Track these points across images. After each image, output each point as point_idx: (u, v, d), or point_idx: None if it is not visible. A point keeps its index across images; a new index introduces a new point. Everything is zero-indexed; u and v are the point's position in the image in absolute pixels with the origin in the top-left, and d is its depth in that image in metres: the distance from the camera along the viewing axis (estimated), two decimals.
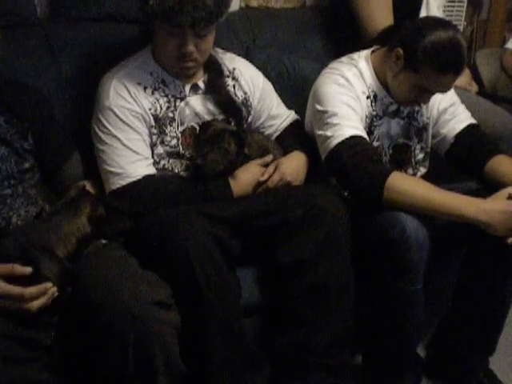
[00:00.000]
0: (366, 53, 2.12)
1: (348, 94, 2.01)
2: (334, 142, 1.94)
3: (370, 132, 2.07)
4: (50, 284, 1.54)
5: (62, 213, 1.67)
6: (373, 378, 2.13)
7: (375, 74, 2.07)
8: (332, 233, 1.85)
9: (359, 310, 1.96)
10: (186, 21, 1.84)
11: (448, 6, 3.43)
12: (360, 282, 1.94)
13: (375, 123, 2.08)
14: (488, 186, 2.04)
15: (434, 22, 1.94)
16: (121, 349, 1.50)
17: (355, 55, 2.13)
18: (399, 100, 2.07)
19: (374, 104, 2.07)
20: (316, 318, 1.87)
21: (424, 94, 1.99)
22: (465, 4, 3.52)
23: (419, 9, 2.60)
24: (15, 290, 1.51)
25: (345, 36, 2.56)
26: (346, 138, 1.93)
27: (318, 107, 2.02)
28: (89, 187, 1.90)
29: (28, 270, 1.53)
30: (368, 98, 2.06)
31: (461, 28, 3.54)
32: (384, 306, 1.97)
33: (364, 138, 1.96)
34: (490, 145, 2.12)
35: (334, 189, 2.03)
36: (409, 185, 1.88)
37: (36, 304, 1.52)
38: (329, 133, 1.96)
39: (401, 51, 1.93)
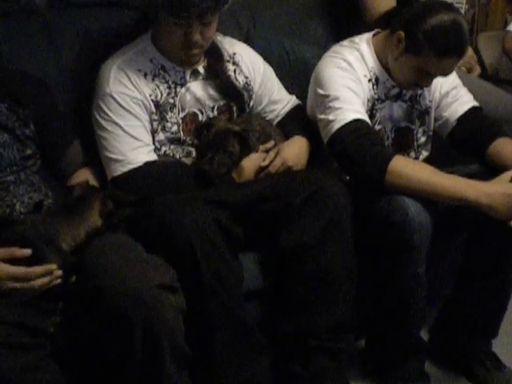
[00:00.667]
0: (367, 36, 2.12)
1: (350, 77, 2.00)
2: (336, 126, 1.93)
3: (371, 115, 2.07)
4: (54, 265, 1.55)
5: (72, 209, 1.67)
6: (376, 361, 2.14)
7: (377, 57, 2.06)
8: (334, 217, 1.85)
9: (362, 294, 1.96)
10: (193, 12, 1.84)
11: None
12: (363, 267, 1.94)
13: (377, 106, 2.08)
14: (490, 169, 2.03)
15: (436, 5, 1.93)
16: (127, 333, 1.51)
17: (356, 38, 2.12)
18: (400, 83, 2.06)
19: (375, 87, 2.07)
20: (319, 302, 1.88)
21: (425, 77, 1.99)
22: None
23: None
24: (20, 269, 1.52)
25: (346, 20, 2.55)
26: (348, 122, 1.92)
27: (320, 91, 2.02)
28: (88, 175, 1.90)
29: (27, 251, 1.54)
30: (370, 81, 2.06)
31: (462, 11, 3.52)
32: (387, 289, 1.97)
33: (366, 122, 1.95)
34: (492, 127, 2.11)
35: (335, 173, 2.02)
36: (411, 168, 1.87)
37: (40, 282, 1.53)
38: (331, 117, 1.95)
39: (402, 34, 1.93)
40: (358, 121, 1.93)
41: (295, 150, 2.07)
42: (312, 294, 1.87)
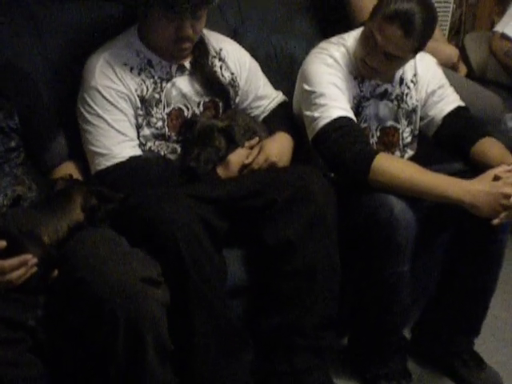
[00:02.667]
0: (355, 32, 2.12)
1: (336, 74, 2.01)
2: (321, 123, 1.94)
3: (357, 113, 2.07)
4: (29, 255, 1.53)
5: (55, 202, 1.67)
6: (359, 359, 2.14)
7: None
8: (319, 214, 1.85)
9: (346, 291, 1.96)
10: (186, 8, 1.83)
11: None
12: (347, 264, 1.94)
13: (363, 104, 2.09)
14: (474, 168, 2.03)
15: None
16: (110, 326, 1.51)
17: (345, 35, 2.13)
18: (379, 74, 2.06)
19: (361, 85, 2.07)
20: (302, 299, 1.88)
21: (372, 51, 1.97)
22: None
23: None
24: None
25: (333, 15, 2.55)
26: (333, 119, 1.93)
27: (306, 87, 2.02)
28: (72, 169, 1.89)
29: (1, 243, 1.52)
30: (356, 78, 2.06)
31: (450, 11, 3.54)
32: (371, 287, 1.98)
33: (351, 119, 1.96)
34: (477, 127, 2.12)
35: (320, 169, 2.02)
36: (394, 166, 1.89)
37: (16, 274, 1.51)
38: (316, 114, 1.96)
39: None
40: (343, 118, 1.93)
41: (278, 146, 2.07)
42: (296, 290, 1.87)
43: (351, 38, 2.10)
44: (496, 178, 1.86)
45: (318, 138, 1.96)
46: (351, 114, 1.98)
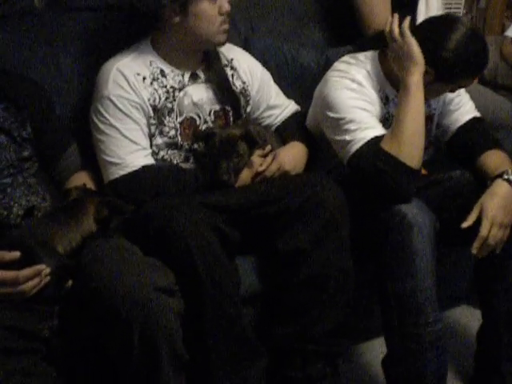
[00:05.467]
0: (372, 54, 2.08)
1: (362, 98, 1.97)
2: (356, 146, 1.90)
3: None
4: (43, 266, 1.53)
5: (68, 212, 1.67)
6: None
7: (384, 76, 2.03)
8: (331, 222, 1.85)
9: (359, 298, 1.96)
10: None
11: None
12: (360, 272, 1.94)
13: (386, 125, 2.02)
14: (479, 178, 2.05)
15: (443, 27, 1.93)
16: (125, 336, 1.51)
17: (361, 56, 2.08)
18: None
19: (386, 106, 2.04)
20: (315, 307, 1.88)
21: (453, 90, 2.04)
22: None
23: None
24: (9, 274, 1.50)
25: (344, 24, 2.55)
26: (367, 141, 1.90)
27: (331, 114, 1.97)
28: (85, 179, 1.90)
29: (15, 254, 1.52)
30: (381, 99, 2.03)
31: (460, 16, 3.53)
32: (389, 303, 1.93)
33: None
34: (487, 140, 2.11)
35: (332, 175, 2.02)
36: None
37: (30, 284, 1.51)
38: (348, 137, 1.92)
39: (428, 68, 1.91)
40: (376, 138, 1.90)
41: (292, 155, 2.07)
42: (309, 298, 1.87)
43: (369, 60, 2.06)
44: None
45: (353, 160, 1.92)
46: (384, 131, 1.94)
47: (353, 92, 1.97)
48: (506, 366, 2.06)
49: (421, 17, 2.60)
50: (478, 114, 2.16)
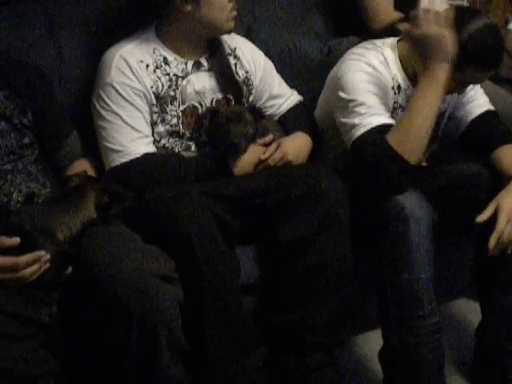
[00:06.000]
0: (391, 41, 2.06)
1: (375, 82, 1.95)
2: (362, 129, 1.89)
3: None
4: (43, 252, 1.54)
5: (69, 198, 1.67)
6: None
7: (401, 65, 2.01)
8: (331, 211, 1.85)
9: (358, 289, 1.96)
10: None
11: None
12: (359, 263, 1.94)
13: (395, 114, 2.03)
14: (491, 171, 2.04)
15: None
16: (125, 322, 1.52)
17: (378, 42, 2.07)
18: None
19: (397, 95, 2.02)
20: (315, 296, 1.88)
21: (460, 87, 1.98)
22: None
23: None
24: (8, 259, 1.51)
25: (347, 14, 2.54)
26: (374, 127, 1.88)
27: (343, 95, 1.95)
28: (86, 166, 1.90)
29: (15, 240, 1.53)
30: (392, 88, 2.00)
31: None
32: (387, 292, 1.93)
33: (390, 126, 1.90)
34: (501, 133, 2.09)
35: (333, 166, 2.01)
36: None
37: (29, 270, 1.52)
38: (356, 121, 1.90)
39: None
40: (383, 126, 1.89)
41: (296, 145, 2.07)
42: (308, 287, 1.88)
43: (387, 46, 2.04)
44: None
45: (356, 144, 1.91)
46: (391, 121, 1.93)
47: (367, 75, 1.95)
48: (509, 361, 2.06)
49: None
50: (492, 108, 2.14)
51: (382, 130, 1.88)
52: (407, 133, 1.84)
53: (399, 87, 2.02)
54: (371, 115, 1.90)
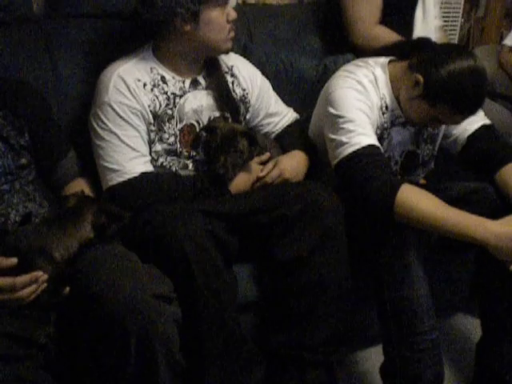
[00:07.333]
0: (383, 60, 2.06)
1: (364, 101, 1.95)
2: (350, 149, 1.88)
3: (380, 142, 1.99)
4: (40, 272, 1.54)
5: (66, 218, 1.67)
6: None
7: (390, 85, 2.01)
8: (329, 229, 1.85)
9: (357, 305, 1.96)
10: None
11: (445, 3, 3.44)
12: (358, 280, 1.94)
13: (385, 134, 2.04)
14: (496, 189, 2.03)
15: (456, 52, 1.88)
16: (123, 342, 1.51)
17: (371, 60, 2.07)
18: (409, 119, 2.02)
19: (384, 115, 2.02)
20: (313, 314, 1.88)
21: (435, 122, 1.96)
22: (462, 1, 3.52)
23: (415, 6, 2.59)
24: (6, 280, 1.51)
25: (342, 32, 2.55)
26: (362, 147, 1.87)
27: (332, 111, 1.95)
28: (83, 186, 1.90)
29: (13, 260, 1.53)
30: (380, 108, 2.00)
31: (458, 25, 3.55)
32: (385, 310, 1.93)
33: (379, 148, 1.91)
34: (503, 150, 2.07)
35: (329, 185, 2.01)
36: (418, 201, 1.81)
37: (27, 291, 1.52)
38: (344, 139, 1.90)
39: (421, 79, 1.88)
40: (371, 146, 1.88)
41: (293, 164, 2.08)
42: (306, 306, 1.88)
43: (378, 66, 2.03)
44: None
45: (343, 163, 1.90)
46: (378, 143, 1.93)
47: (357, 93, 1.96)
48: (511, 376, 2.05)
49: (418, 23, 2.60)
50: (487, 122, 2.12)
51: (370, 151, 1.87)
52: (422, 213, 1.80)
53: (387, 107, 2.02)
54: (359, 134, 1.89)
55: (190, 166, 2.03)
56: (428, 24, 2.61)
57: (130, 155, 1.91)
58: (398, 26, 2.52)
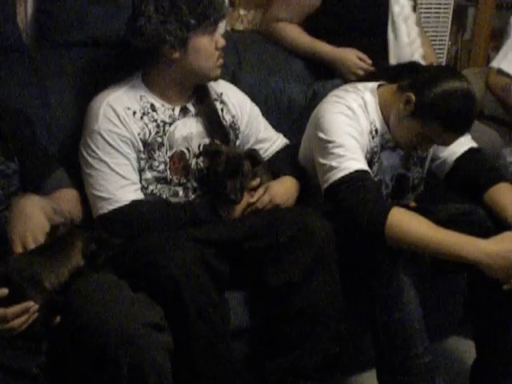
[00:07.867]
0: (372, 85, 2.08)
1: (354, 126, 1.96)
2: (339, 174, 1.89)
3: (370, 166, 2.01)
4: (31, 302, 1.52)
5: (56, 247, 1.66)
6: None
7: (380, 110, 2.03)
8: (320, 254, 1.86)
9: (351, 329, 1.95)
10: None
11: (432, 27, 3.46)
12: (351, 304, 1.94)
13: (375, 158, 2.04)
14: (487, 211, 2.03)
15: (449, 73, 1.92)
16: (114, 371, 1.50)
17: (360, 85, 2.08)
18: (398, 142, 2.03)
19: (374, 139, 2.03)
20: (306, 340, 1.87)
21: (425, 143, 1.97)
22: (449, 24, 3.55)
23: (385, 28, 2.60)
24: None
25: None
26: (352, 172, 1.88)
27: (322, 136, 1.96)
28: (71, 196, 1.89)
29: (3, 291, 1.51)
30: (370, 133, 2.01)
31: (445, 47, 3.58)
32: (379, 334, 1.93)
33: (368, 173, 1.92)
34: (490, 172, 2.10)
35: (320, 209, 2.02)
36: (409, 224, 1.83)
37: (18, 321, 1.50)
38: (334, 163, 1.91)
39: (413, 97, 1.90)
40: (361, 171, 1.89)
41: (284, 189, 2.08)
42: (299, 331, 1.87)
43: (368, 90, 2.05)
44: None
45: (333, 187, 1.91)
46: (368, 168, 1.94)
47: (347, 118, 1.97)
48: None
49: (391, 45, 2.61)
50: (474, 145, 2.14)
51: (360, 176, 1.88)
52: (413, 235, 1.82)
53: (376, 131, 2.03)
54: (349, 159, 1.90)
55: (181, 193, 2.03)
56: (401, 46, 2.62)
57: (120, 183, 1.91)
58: (371, 49, 2.54)
